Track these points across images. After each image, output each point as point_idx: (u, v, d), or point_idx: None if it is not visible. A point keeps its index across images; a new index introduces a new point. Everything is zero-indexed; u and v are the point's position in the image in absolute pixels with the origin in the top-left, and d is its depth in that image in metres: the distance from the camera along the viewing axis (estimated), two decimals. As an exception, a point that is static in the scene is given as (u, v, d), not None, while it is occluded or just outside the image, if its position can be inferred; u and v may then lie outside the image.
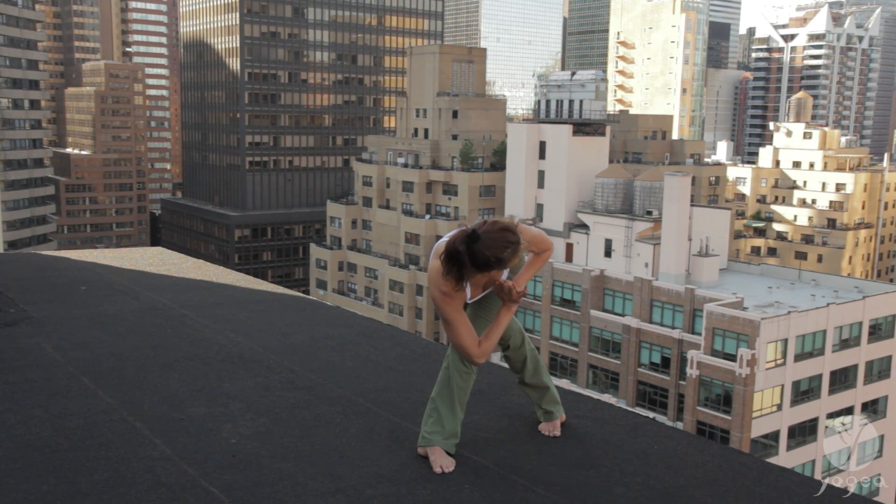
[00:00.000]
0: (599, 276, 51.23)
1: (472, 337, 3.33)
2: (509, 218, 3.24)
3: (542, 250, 3.52)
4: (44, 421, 3.80)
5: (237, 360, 4.90)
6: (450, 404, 3.40)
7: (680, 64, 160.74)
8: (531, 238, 3.43)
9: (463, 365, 3.41)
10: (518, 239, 3.12)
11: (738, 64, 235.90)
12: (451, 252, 3.12)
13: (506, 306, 3.45)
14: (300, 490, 3.12)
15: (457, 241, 3.11)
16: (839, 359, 44.62)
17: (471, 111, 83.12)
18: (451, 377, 3.42)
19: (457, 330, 3.31)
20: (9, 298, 6.27)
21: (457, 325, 3.31)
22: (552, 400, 3.77)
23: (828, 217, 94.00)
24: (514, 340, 3.71)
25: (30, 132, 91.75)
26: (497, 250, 3.08)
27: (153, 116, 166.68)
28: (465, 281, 3.22)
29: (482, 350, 3.35)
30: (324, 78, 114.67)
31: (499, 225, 3.12)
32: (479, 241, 3.07)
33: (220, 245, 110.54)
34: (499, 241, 3.08)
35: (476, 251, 3.07)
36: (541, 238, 3.50)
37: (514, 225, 3.17)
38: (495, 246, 3.08)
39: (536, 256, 3.53)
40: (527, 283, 3.52)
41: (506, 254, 3.09)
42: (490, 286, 3.41)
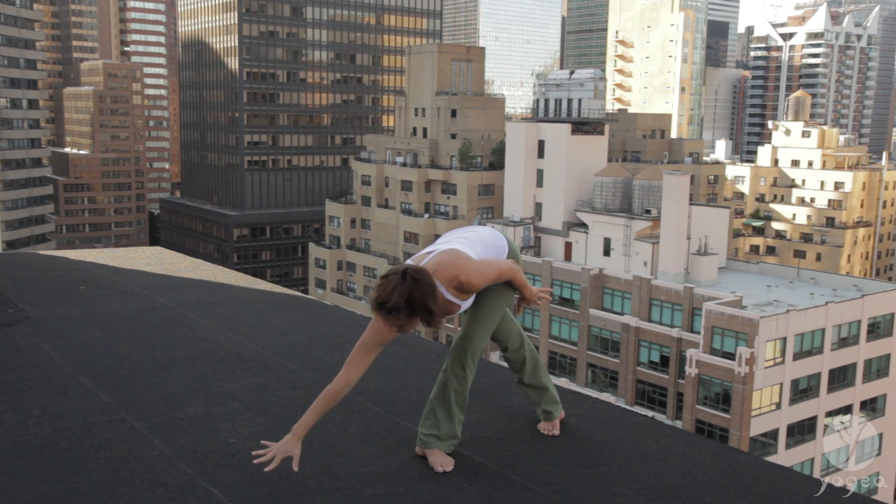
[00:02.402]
0: (598, 275, 51.23)
1: (355, 370, 3.15)
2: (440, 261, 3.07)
3: (502, 280, 3.32)
4: (42, 421, 3.80)
5: (236, 359, 4.90)
6: (446, 407, 3.38)
7: (679, 63, 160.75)
8: (472, 275, 3.13)
9: (461, 370, 3.38)
10: (389, 306, 2.89)
11: (736, 63, 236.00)
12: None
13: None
14: (299, 489, 3.12)
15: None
16: (838, 357, 44.64)
17: (469, 110, 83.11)
18: (448, 381, 3.39)
19: (355, 352, 3.16)
20: (7, 298, 6.27)
21: (360, 349, 3.16)
22: (551, 400, 3.76)
23: (826, 215, 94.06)
24: (513, 342, 3.69)
25: (28, 132, 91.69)
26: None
27: (152, 116, 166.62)
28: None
29: (345, 381, 3.15)
30: (322, 77, 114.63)
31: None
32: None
33: (218, 244, 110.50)
34: (387, 285, 2.94)
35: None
36: (486, 270, 3.20)
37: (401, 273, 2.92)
38: (384, 288, 2.94)
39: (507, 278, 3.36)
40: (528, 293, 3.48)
41: (374, 305, 2.94)
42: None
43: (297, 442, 3.10)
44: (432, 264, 3.09)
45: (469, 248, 3.28)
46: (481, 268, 3.18)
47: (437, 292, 3.02)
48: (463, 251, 3.21)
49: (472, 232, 3.45)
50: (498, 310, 3.46)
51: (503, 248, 3.46)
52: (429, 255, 3.19)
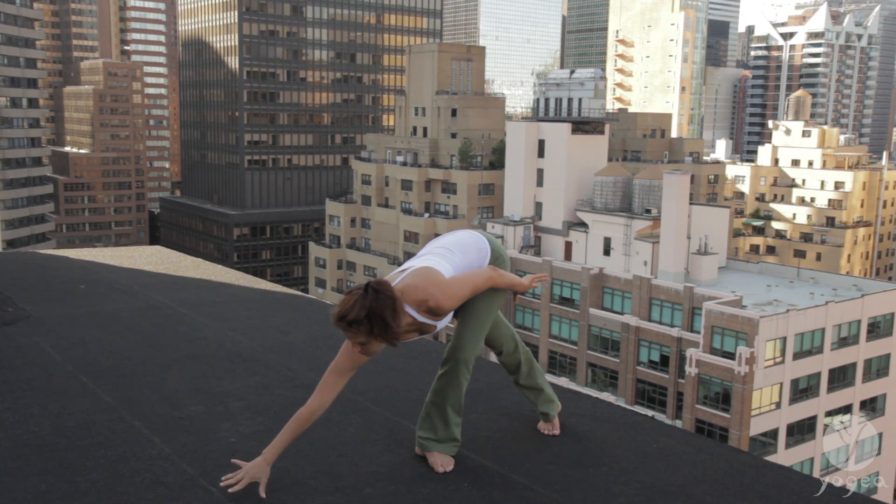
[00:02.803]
0: (598, 275, 51.23)
1: (327, 393, 3.11)
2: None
3: (480, 292, 3.23)
4: (42, 420, 3.80)
5: (236, 358, 4.90)
6: (442, 413, 3.33)
7: (679, 62, 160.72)
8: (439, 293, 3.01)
9: (455, 378, 3.31)
10: (349, 320, 2.82)
11: (737, 62, 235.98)
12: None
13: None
14: (299, 489, 3.12)
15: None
16: (838, 357, 44.65)
17: (470, 109, 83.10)
18: (443, 388, 3.34)
19: (328, 376, 3.12)
20: (7, 297, 6.27)
21: (332, 373, 3.11)
22: (547, 400, 3.74)
23: (827, 215, 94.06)
24: (507, 346, 3.65)
25: (28, 131, 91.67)
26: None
27: (152, 115, 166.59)
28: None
29: (318, 404, 3.11)
30: (323, 76, 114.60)
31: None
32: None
33: (218, 244, 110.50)
34: (347, 301, 2.89)
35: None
36: (457, 292, 3.07)
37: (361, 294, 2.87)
38: (343, 304, 2.89)
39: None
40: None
41: (335, 320, 2.89)
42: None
43: (267, 467, 3.06)
44: (401, 287, 2.99)
45: (446, 260, 3.17)
46: (452, 290, 3.04)
47: (403, 311, 2.93)
48: (436, 269, 3.08)
49: (451, 237, 3.35)
50: (488, 315, 3.36)
51: (484, 250, 3.34)
52: (402, 273, 3.09)
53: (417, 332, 3.12)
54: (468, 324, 3.32)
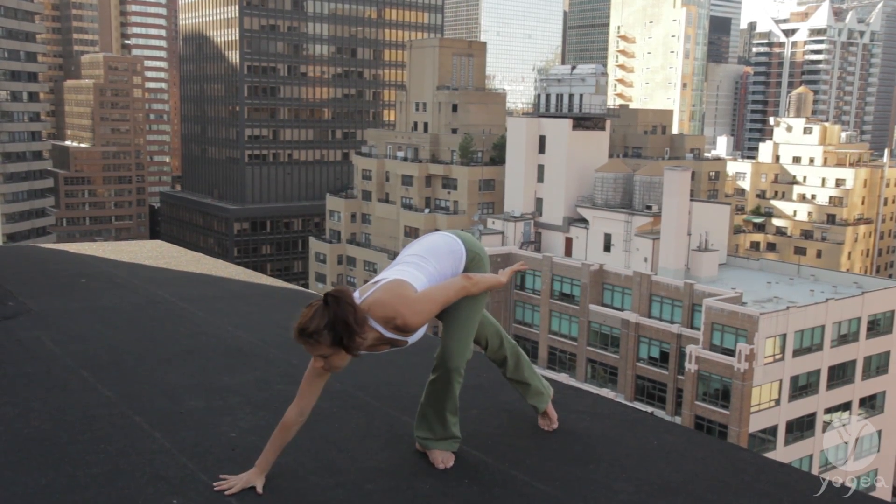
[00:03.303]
0: (598, 271, 51.23)
1: (304, 399, 3.07)
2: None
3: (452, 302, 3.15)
4: (43, 414, 3.80)
5: (236, 353, 4.90)
6: (439, 414, 3.31)
7: (680, 58, 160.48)
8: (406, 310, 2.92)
9: (447, 384, 3.26)
10: (309, 331, 2.80)
11: (738, 59, 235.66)
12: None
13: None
14: (300, 484, 3.12)
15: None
16: (837, 354, 44.67)
17: (470, 105, 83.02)
18: (437, 391, 3.30)
19: (303, 384, 3.07)
20: (8, 291, 6.26)
21: (306, 382, 3.07)
22: (535, 393, 3.70)
23: (827, 212, 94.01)
24: (493, 343, 3.61)
25: (28, 124, 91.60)
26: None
27: (152, 109, 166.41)
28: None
29: (298, 412, 3.07)
30: (323, 71, 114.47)
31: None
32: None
33: (219, 238, 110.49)
34: (306, 314, 2.86)
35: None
36: (426, 308, 2.99)
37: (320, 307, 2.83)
38: (302, 317, 2.87)
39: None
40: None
41: (295, 334, 2.87)
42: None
43: (262, 475, 3.06)
44: (369, 302, 2.92)
45: (420, 269, 3.10)
46: (420, 306, 2.94)
47: (369, 325, 2.90)
48: (408, 282, 3.00)
49: (423, 242, 3.26)
50: (473, 319, 3.30)
51: (458, 252, 3.25)
52: (375, 285, 3.02)
53: (388, 346, 3.08)
54: (454, 330, 3.25)
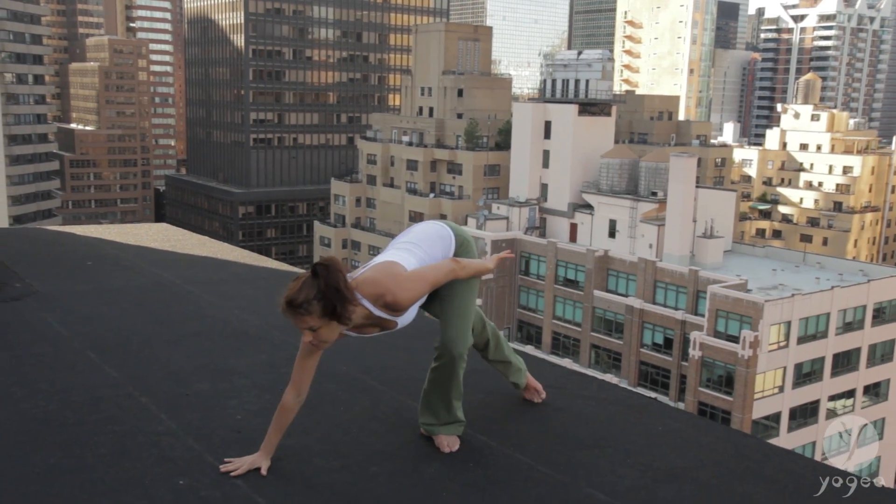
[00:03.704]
0: (603, 257, 51.18)
1: (299, 379, 3.08)
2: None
3: (441, 284, 3.15)
4: (50, 395, 3.82)
5: (242, 336, 4.91)
6: (444, 399, 3.31)
7: (688, 44, 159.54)
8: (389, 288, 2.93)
9: (450, 371, 3.27)
10: (295, 303, 2.80)
11: (746, 44, 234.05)
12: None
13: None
14: (305, 466, 3.13)
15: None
16: (842, 342, 44.63)
17: (476, 90, 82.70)
18: (439, 378, 3.30)
19: (295, 364, 3.09)
20: (14, 273, 6.28)
21: (298, 361, 3.08)
22: (515, 370, 3.79)
23: (834, 200, 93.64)
24: (476, 327, 3.62)
25: (34, 107, 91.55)
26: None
27: (157, 92, 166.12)
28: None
29: (294, 393, 3.08)
30: (328, 55, 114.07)
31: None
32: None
33: (224, 222, 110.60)
34: (293, 286, 2.86)
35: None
36: (416, 286, 2.99)
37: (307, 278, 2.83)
38: (289, 289, 2.88)
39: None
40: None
41: (283, 307, 2.86)
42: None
43: (267, 457, 3.09)
44: (359, 280, 2.94)
45: (410, 254, 3.12)
46: (410, 284, 2.96)
47: (357, 301, 2.89)
48: (398, 263, 3.02)
49: (413, 231, 3.29)
50: (470, 303, 3.30)
51: (447, 238, 3.28)
52: (365, 266, 3.05)
53: (378, 328, 3.08)
54: (453, 318, 3.26)
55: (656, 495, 2.99)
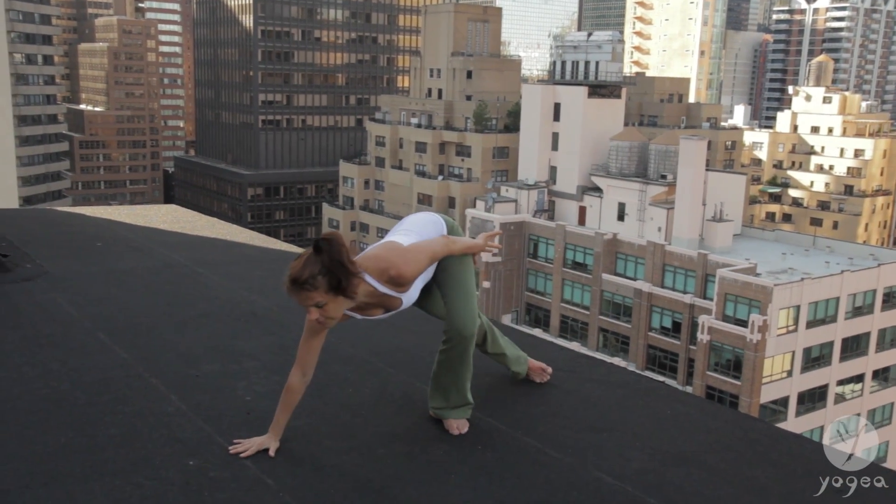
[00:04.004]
0: (612, 240, 51.08)
1: (303, 360, 3.11)
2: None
3: (439, 259, 3.19)
4: (61, 375, 3.84)
5: (251, 317, 4.92)
6: (455, 382, 3.32)
7: (699, 25, 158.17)
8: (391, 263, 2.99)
9: (465, 352, 3.26)
10: (299, 280, 2.78)
11: (758, 26, 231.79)
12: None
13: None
14: (314, 448, 3.15)
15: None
16: (852, 326, 44.51)
17: (485, 71, 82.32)
18: (451, 360, 3.28)
19: (300, 345, 3.12)
20: (26, 254, 6.31)
21: (302, 341, 3.12)
22: (514, 361, 3.81)
23: (845, 183, 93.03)
24: None
25: (43, 88, 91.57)
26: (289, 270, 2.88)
27: (166, 73, 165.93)
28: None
29: (300, 374, 3.12)
30: (337, 36, 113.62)
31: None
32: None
33: (232, 203, 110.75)
34: (295, 265, 2.85)
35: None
36: (417, 257, 3.06)
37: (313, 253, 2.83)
38: (291, 268, 2.86)
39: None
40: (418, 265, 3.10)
41: (288, 286, 2.84)
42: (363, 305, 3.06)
43: (276, 439, 3.11)
44: (361, 260, 2.99)
45: (405, 237, 3.18)
46: (411, 255, 3.04)
47: (362, 278, 2.92)
48: (398, 241, 3.10)
49: (408, 220, 3.36)
50: (469, 281, 3.32)
51: (439, 223, 3.34)
52: (365, 251, 3.12)
53: (382, 308, 3.12)
54: (458, 299, 3.27)
55: (664, 479, 3.00)
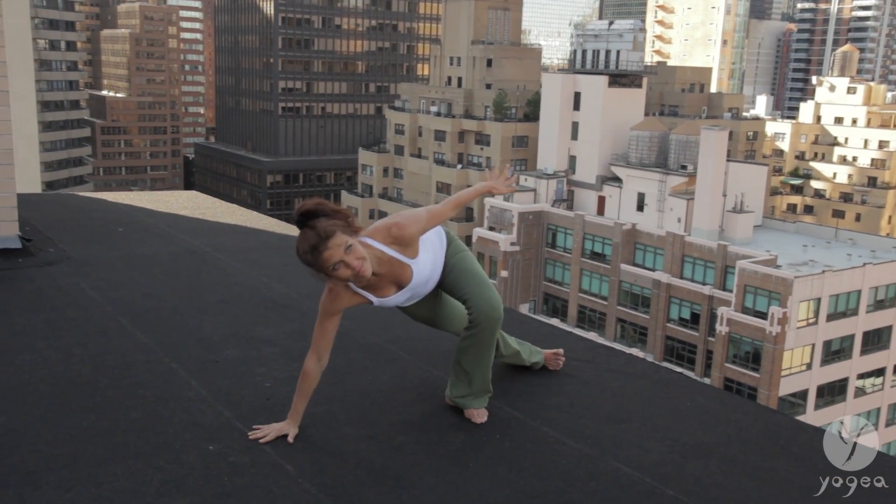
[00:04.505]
0: (631, 230, 50.82)
1: (318, 344, 3.11)
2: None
3: (440, 218, 3.19)
4: (84, 359, 3.88)
5: (270, 304, 4.94)
6: (482, 366, 3.29)
7: (721, 14, 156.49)
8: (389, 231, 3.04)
9: (491, 335, 3.23)
10: (316, 241, 2.81)
11: (782, 15, 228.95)
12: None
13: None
14: (333, 435, 3.16)
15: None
16: (873, 319, 44.05)
17: (505, 60, 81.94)
18: (478, 346, 3.23)
19: (315, 327, 3.13)
20: (48, 238, 6.37)
21: (317, 322, 3.13)
22: (529, 354, 3.78)
23: (868, 175, 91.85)
24: None
25: (66, 74, 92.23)
26: (297, 248, 2.90)
27: (187, 60, 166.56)
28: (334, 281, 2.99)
29: (315, 359, 3.11)
30: (358, 24, 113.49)
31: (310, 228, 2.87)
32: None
33: (252, 190, 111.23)
34: (299, 241, 2.89)
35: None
36: (418, 214, 3.13)
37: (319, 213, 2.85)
38: (299, 246, 2.89)
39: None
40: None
41: (309, 257, 2.87)
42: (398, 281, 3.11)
43: (294, 425, 3.12)
44: (366, 231, 3.04)
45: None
46: (413, 215, 3.11)
47: (369, 245, 2.95)
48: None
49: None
50: (476, 268, 3.29)
51: (440, 231, 3.34)
52: None
53: (395, 285, 3.11)
54: (473, 285, 3.22)
55: (684, 470, 2.99)
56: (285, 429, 3.11)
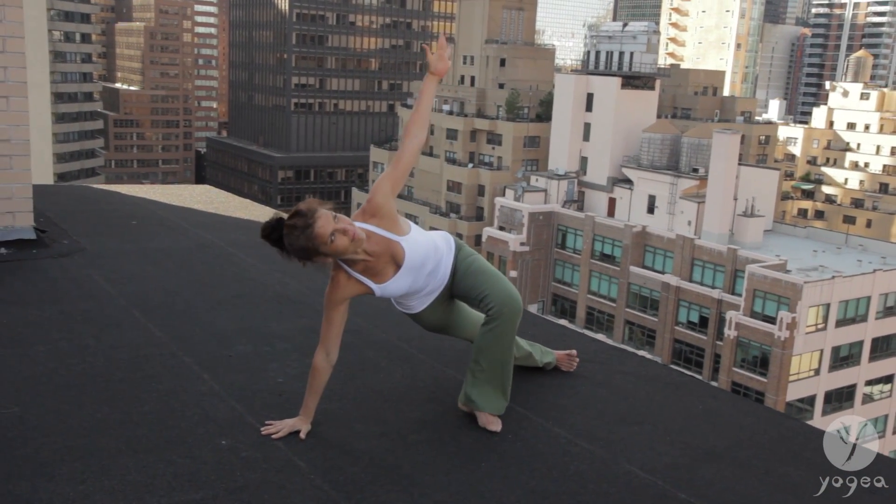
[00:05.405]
0: (641, 233, 50.70)
1: (326, 338, 3.13)
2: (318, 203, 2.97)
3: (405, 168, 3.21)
4: (97, 351, 3.90)
5: (283, 300, 4.96)
6: (505, 363, 3.21)
7: (736, 18, 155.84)
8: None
9: (512, 330, 3.16)
10: (304, 222, 2.86)
11: (796, 19, 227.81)
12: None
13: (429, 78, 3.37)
14: (345, 432, 3.17)
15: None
16: (882, 326, 43.84)
17: (519, 60, 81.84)
18: (499, 341, 3.15)
19: (323, 322, 3.17)
20: (62, 230, 6.40)
21: (324, 316, 3.17)
22: (542, 355, 3.76)
23: (880, 181, 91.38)
24: None
25: (80, 66, 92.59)
26: (291, 242, 2.95)
27: (201, 54, 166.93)
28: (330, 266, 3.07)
29: (323, 354, 3.12)
30: (372, 21, 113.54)
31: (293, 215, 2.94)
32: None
33: (263, 185, 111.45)
34: (288, 234, 2.92)
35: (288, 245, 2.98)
36: (382, 176, 3.17)
37: (308, 207, 2.92)
38: (287, 240, 2.94)
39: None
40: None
41: (299, 243, 2.90)
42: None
43: (307, 421, 3.13)
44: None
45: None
46: (378, 179, 3.12)
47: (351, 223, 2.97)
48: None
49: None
50: (486, 265, 3.26)
51: (449, 239, 3.35)
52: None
53: (393, 265, 3.09)
54: (487, 280, 3.18)
55: (695, 474, 2.98)
56: (297, 425, 3.12)
